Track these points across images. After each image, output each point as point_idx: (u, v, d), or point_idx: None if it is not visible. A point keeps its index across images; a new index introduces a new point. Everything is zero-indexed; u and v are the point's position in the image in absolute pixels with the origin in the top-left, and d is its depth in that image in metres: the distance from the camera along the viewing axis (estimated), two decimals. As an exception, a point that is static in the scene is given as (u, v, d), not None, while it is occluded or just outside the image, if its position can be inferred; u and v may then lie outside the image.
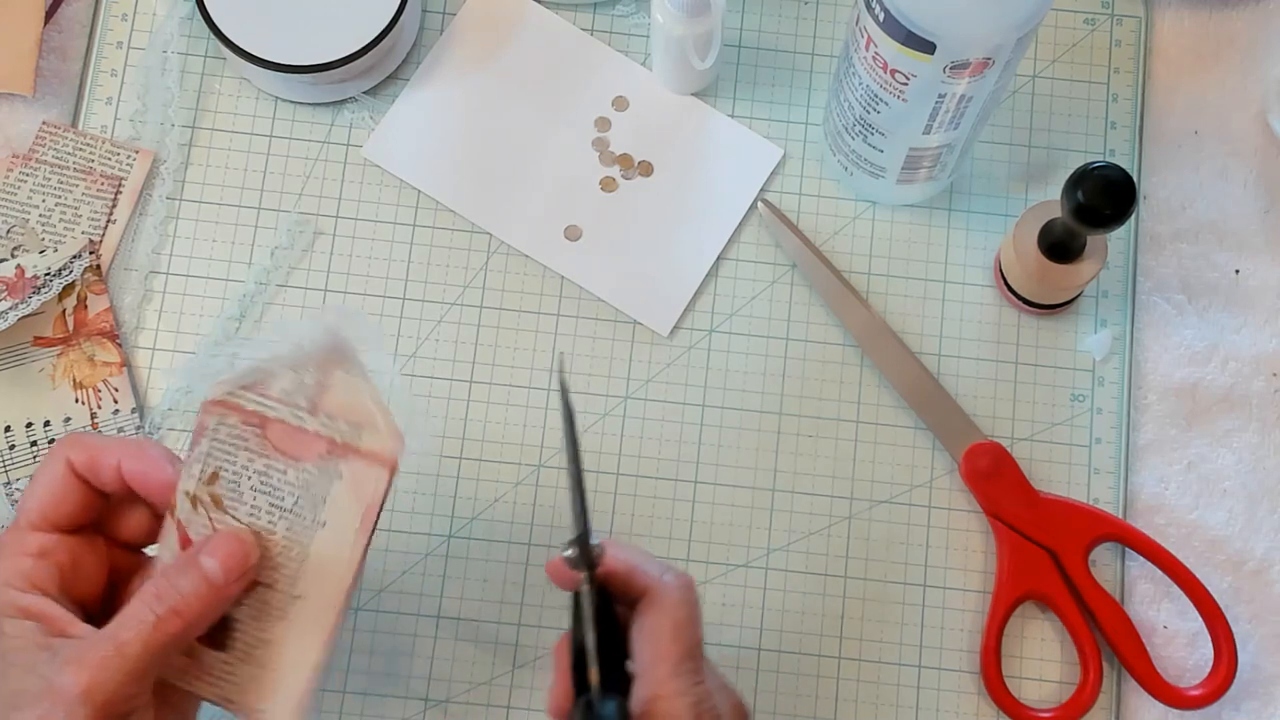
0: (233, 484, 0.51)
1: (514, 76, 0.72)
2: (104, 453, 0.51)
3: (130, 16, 0.72)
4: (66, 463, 0.51)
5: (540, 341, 0.69)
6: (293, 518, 0.50)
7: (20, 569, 0.50)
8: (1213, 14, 0.73)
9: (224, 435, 0.51)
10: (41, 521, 0.51)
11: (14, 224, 0.68)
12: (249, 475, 0.51)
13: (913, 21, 0.56)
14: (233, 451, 0.51)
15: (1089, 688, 0.64)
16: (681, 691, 0.49)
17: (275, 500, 0.51)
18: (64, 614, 0.50)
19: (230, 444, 0.51)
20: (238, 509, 0.51)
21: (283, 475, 0.51)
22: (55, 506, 0.51)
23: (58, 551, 0.51)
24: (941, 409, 0.67)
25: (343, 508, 0.50)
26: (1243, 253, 0.70)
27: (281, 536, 0.51)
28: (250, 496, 0.51)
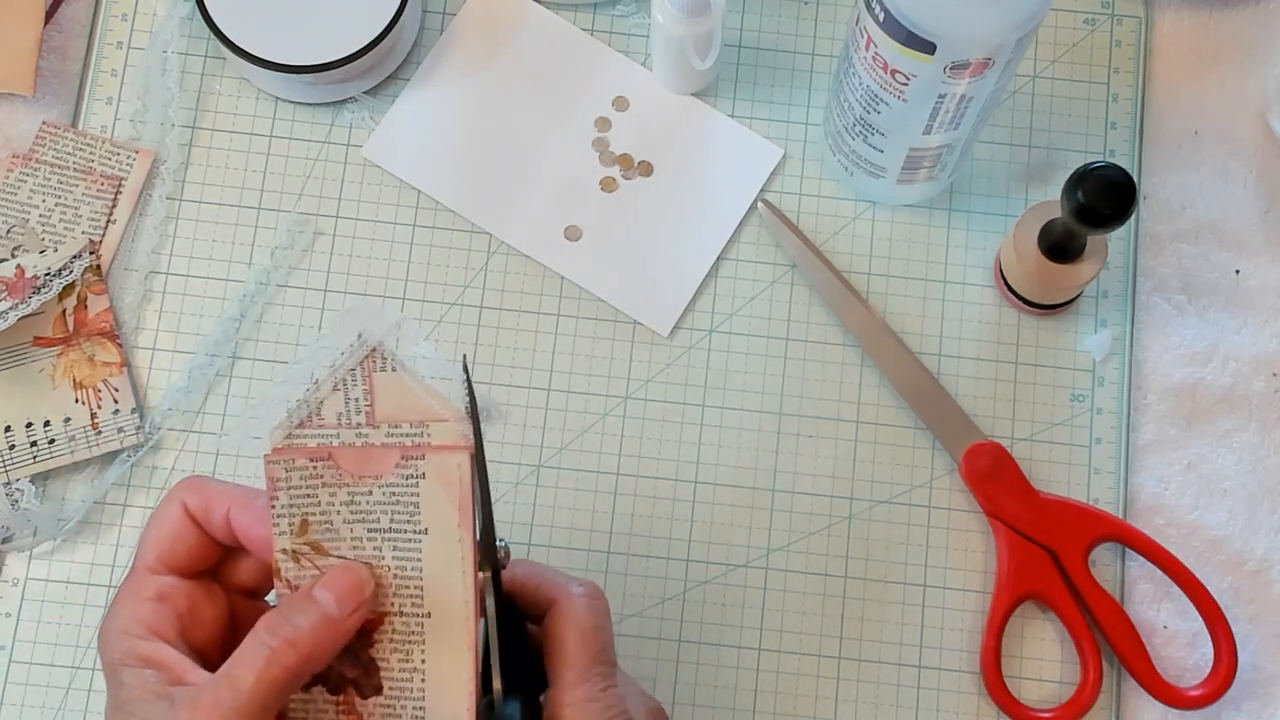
0: (325, 524, 0.49)
1: (514, 76, 0.72)
2: (216, 499, 0.50)
3: (130, 16, 0.72)
4: (181, 505, 0.50)
5: (540, 341, 0.69)
6: (395, 536, 0.49)
7: (139, 615, 0.49)
8: (1213, 14, 0.73)
9: (298, 480, 0.49)
10: (158, 564, 0.50)
11: (14, 224, 0.68)
12: (337, 509, 0.49)
13: (913, 21, 0.56)
14: (312, 493, 0.49)
15: (1089, 688, 0.64)
16: (590, 697, 0.49)
17: (372, 525, 0.49)
18: (183, 661, 0.48)
19: (307, 487, 0.49)
20: (339, 547, 0.49)
21: (369, 498, 0.49)
22: (171, 549, 0.50)
23: (176, 596, 0.50)
24: (941, 409, 0.67)
25: (438, 508, 0.48)
26: (1243, 253, 0.70)
27: (391, 560, 0.49)
28: (347, 530, 0.49)
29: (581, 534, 0.67)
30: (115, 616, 0.49)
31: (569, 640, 0.50)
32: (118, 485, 0.67)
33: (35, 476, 0.66)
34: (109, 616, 0.49)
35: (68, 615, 0.66)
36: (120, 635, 0.48)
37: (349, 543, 0.49)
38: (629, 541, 0.67)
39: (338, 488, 0.49)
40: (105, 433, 0.67)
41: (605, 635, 0.51)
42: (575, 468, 0.67)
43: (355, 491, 0.49)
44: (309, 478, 0.49)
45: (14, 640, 0.65)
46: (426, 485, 0.48)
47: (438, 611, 0.49)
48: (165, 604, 0.49)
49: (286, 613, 0.48)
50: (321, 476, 0.49)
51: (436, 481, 0.48)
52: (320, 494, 0.49)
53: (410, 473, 0.49)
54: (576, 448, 0.68)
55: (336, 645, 0.48)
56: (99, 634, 0.49)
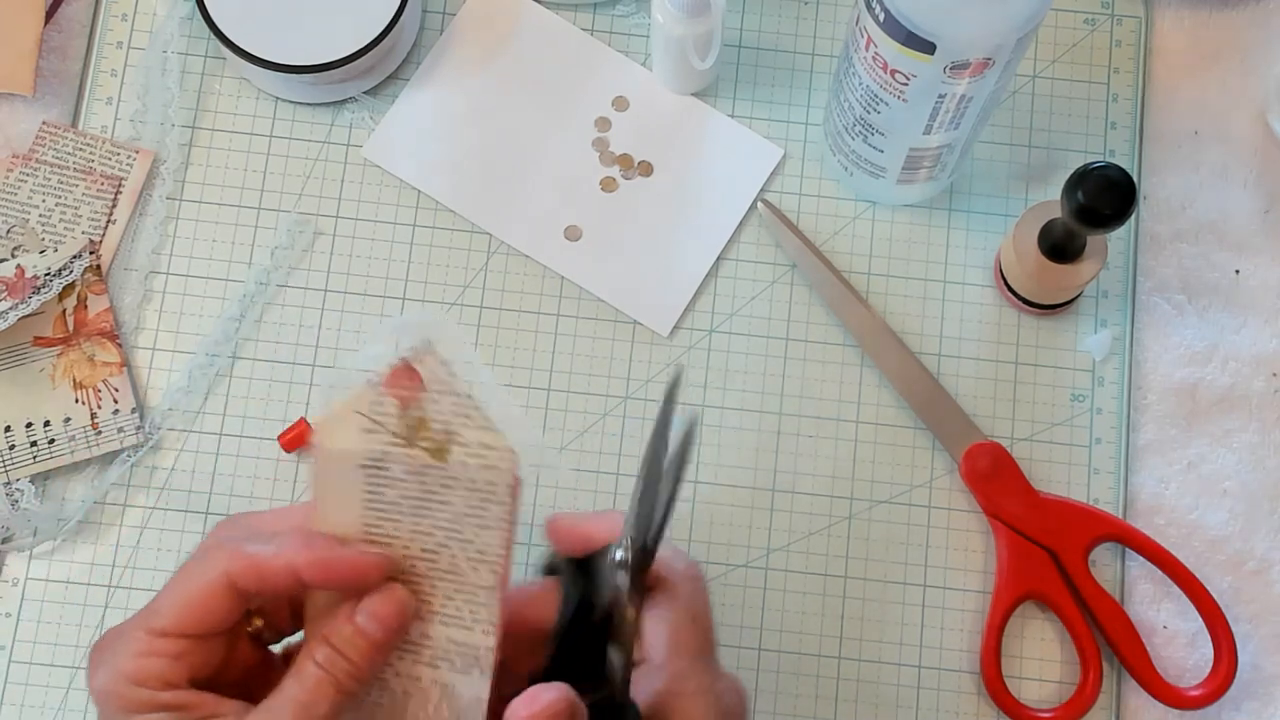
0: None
1: (514, 76, 0.72)
2: (272, 563, 0.47)
3: (130, 16, 0.72)
4: (225, 578, 0.47)
5: (540, 341, 0.69)
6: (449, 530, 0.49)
7: (152, 670, 0.47)
8: (1213, 14, 0.73)
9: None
10: (178, 631, 0.47)
11: (14, 224, 0.68)
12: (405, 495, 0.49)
13: (913, 22, 0.56)
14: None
15: (1089, 688, 0.64)
16: (703, 689, 0.48)
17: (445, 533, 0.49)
18: (206, 698, 0.47)
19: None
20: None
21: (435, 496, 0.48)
22: (200, 622, 0.47)
23: (193, 654, 0.48)
24: (941, 409, 0.67)
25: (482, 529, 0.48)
26: (1243, 253, 0.70)
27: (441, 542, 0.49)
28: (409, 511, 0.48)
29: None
30: (121, 666, 0.47)
31: (682, 627, 0.48)
32: (118, 485, 0.67)
33: (35, 476, 0.66)
34: (109, 661, 0.47)
35: (68, 615, 0.66)
36: (130, 686, 0.47)
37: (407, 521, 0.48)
38: (629, 541, 0.67)
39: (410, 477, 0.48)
40: (105, 433, 0.67)
41: (711, 620, 0.49)
42: (575, 468, 0.67)
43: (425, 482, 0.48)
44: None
45: (14, 640, 0.65)
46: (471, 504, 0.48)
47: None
48: (181, 660, 0.47)
49: (335, 641, 0.47)
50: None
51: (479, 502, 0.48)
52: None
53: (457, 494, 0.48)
54: (576, 448, 0.68)
55: (384, 659, 0.48)
56: (93, 675, 0.47)
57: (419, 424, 0.48)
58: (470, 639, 0.49)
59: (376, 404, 0.48)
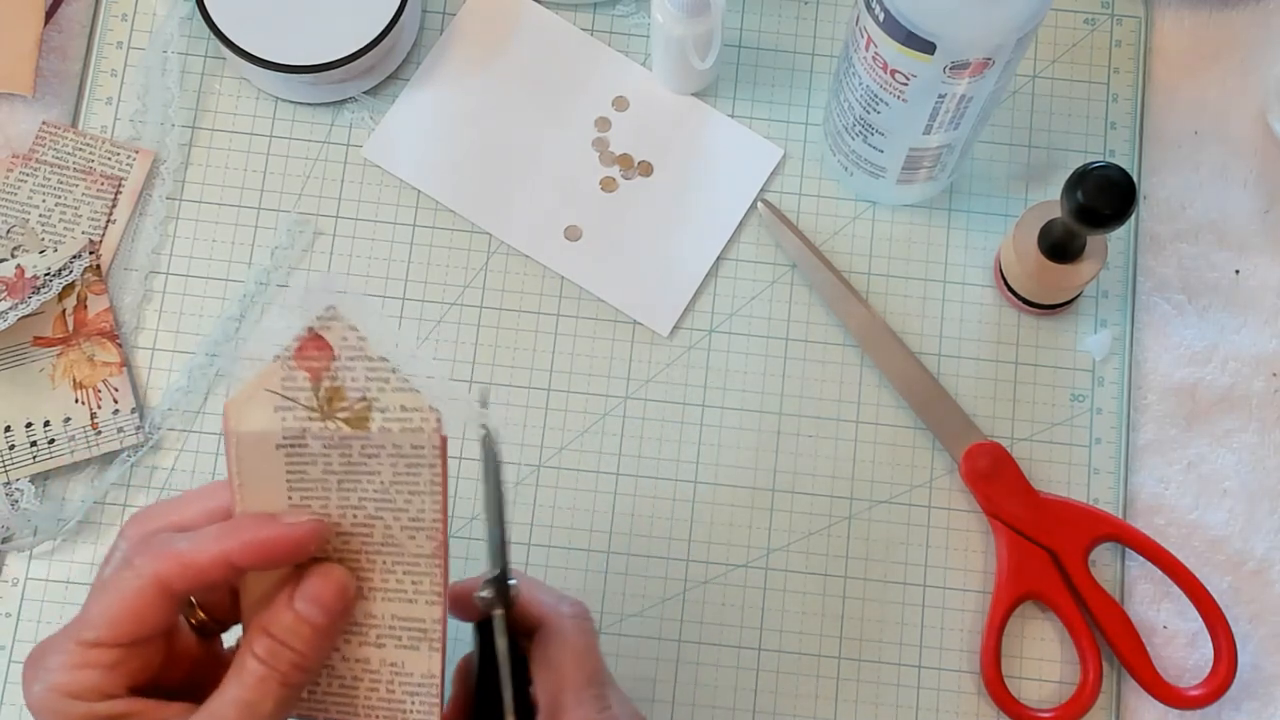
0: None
1: (514, 76, 0.72)
2: (203, 557, 0.46)
3: (130, 16, 0.72)
4: (155, 582, 0.45)
5: (540, 341, 0.69)
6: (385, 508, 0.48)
7: (87, 682, 0.45)
8: (1213, 14, 0.73)
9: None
10: (111, 640, 0.46)
11: (14, 224, 0.68)
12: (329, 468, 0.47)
13: (913, 22, 0.56)
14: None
15: (1089, 688, 0.64)
16: (588, 719, 0.48)
17: (366, 494, 0.47)
18: (147, 705, 0.46)
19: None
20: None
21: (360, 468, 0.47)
22: (132, 629, 0.46)
23: (129, 661, 0.46)
24: (941, 409, 0.67)
25: (409, 483, 0.47)
26: (1243, 253, 0.70)
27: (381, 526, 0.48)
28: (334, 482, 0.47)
29: (581, 534, 0.67)
30: (55, 680, 0.46)
31: (565, 662, 0.49)
32: (118, 485, 0.67)
33: (35, 476, 0.66)
34: (43, 675, 0.46)
35: (68, 615, 0.65)
36: (66, 700, 0.45)
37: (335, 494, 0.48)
38: (629, 541, 0.67)
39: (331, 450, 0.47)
40: (105, 433, 0.67)
41: (597, 655, 0.50)
42: (575, 468, 0.67)
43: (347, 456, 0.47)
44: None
45: (14, 640, 0.65)
46: (397, 465, 0.47)
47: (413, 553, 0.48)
48: (117, 670, 0.46)
49: (276, 631, 0.46)
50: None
51: (404, 463, 0.47)
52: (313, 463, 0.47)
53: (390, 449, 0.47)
54: (576, 448, 0.68)
55: (328, 647, 0.47)
56: (28, 688, 0.46)
57: (334, 394, 0.46)
58: (415, 611, 0.47)
59: (287, 378, 0.46)
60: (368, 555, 0.47)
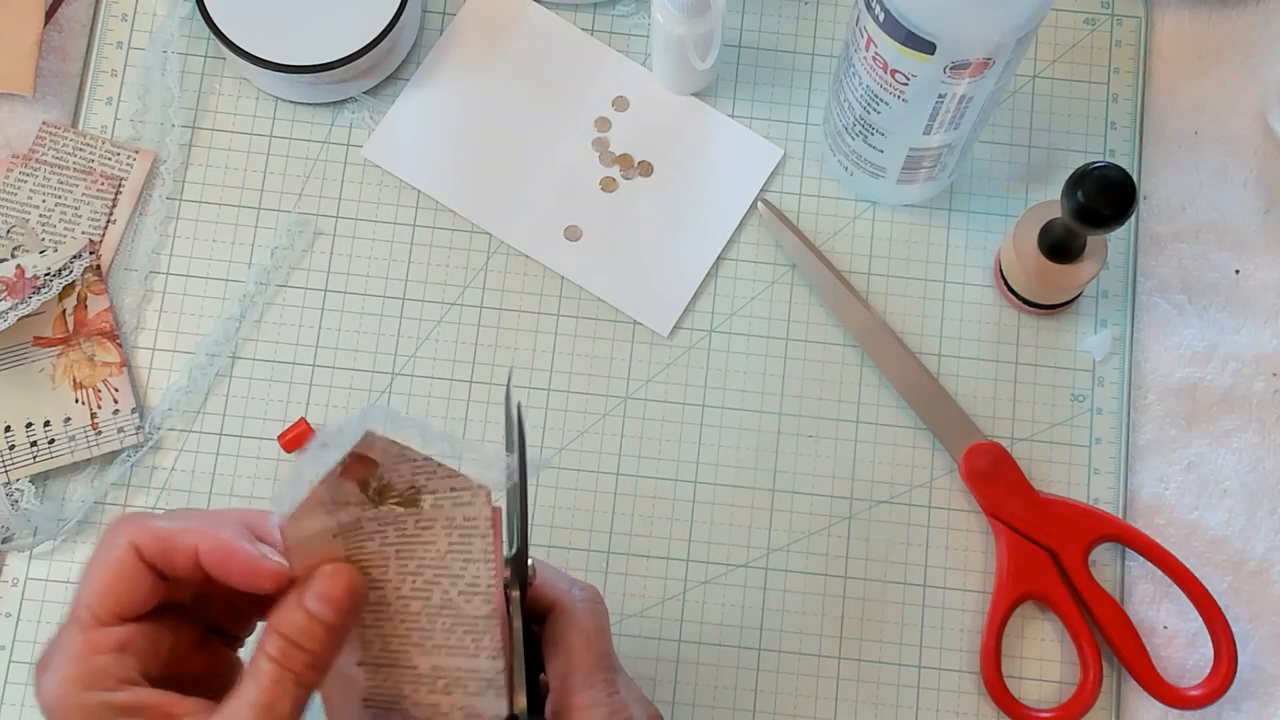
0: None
1: (514, 76, 0.72)
2: (177, 538, 0.46)
3: (130, 16, 0.72)
4: (133, 551, 0.46)
5: (540, 341, 0.69)
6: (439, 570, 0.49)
7: (100, 668, 0.45)
8: (1213, 14, 0.73)
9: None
10: (110, 617, 0.46)
11: (14, 224, 0.68)
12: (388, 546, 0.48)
13: (913, 22, 0.56)
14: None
15: (1089, 688, 0.64)
16: (595, 702, 0.48)
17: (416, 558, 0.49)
18: (163, 696, 0.45)
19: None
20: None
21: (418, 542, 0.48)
22: (123, 599, 0.46)
23: (136, 642, 0.46)
24: (941, 409, 0.67)
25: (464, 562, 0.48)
26: (1243, 253, 0.70)
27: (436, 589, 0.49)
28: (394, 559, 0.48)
29: (581, 534, 0.67)
30: (66, 672, 0.46)
31: (575, 645, 0.50)
32: (118, 485, 0.67)
33: (35, 476, 0.66)
34: (54, 670, 0.46)
35: (68, 615, 0.66)
36: (82, 692, 0.45)
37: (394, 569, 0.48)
38: (629, 541, 0.67)
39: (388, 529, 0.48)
40: (105, 433, 0.67)
41: (607, 639, 0.51)
42: (575, 468, 0.67)
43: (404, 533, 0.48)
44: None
45: (14, 640, 0.65)
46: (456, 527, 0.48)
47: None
48: (126, 652, 0.46)
49: (288, 631, 0.46)
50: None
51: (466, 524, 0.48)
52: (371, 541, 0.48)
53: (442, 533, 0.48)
54: (576, 448, 0.68)
55: (340, 645, 0.47)
56: (41, 689, 0.46)
57: (383, 489, 0.47)
58: (478, 665, 0.49)
59: (336, 491, 0.46)
60: (429, 616, 0.48)
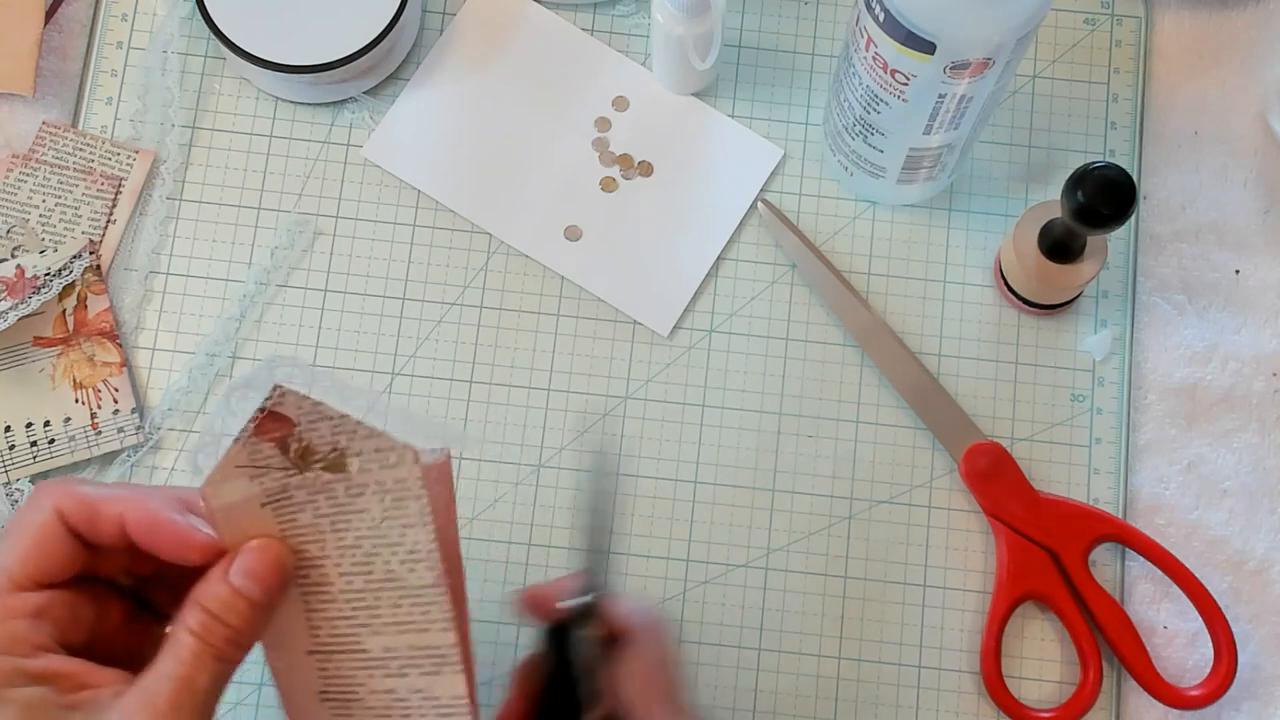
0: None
1: (514, 76, 0.72)
2: (103, 505, 0.46)
3: (130, 16, 0.72)
4: (56, 514, 0.46)
5: (540, 341, 0.69)
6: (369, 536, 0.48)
7: (14, 633, 0.45)
8: (1213, 14, 0.73)
9: None
10: (27, 581, 0.45)
11: (14, 224, 0.68)
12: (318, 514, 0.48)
13: (913, 22, 0.56)
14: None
15: (1089, 688, 0.64)
16: None
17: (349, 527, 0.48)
18: (80, 665, 0.45)
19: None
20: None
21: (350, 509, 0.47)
22: (43, 564, 0.45)
23: (53, 608, 0.46)
24: (941, 409, 0.67)
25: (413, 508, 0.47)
26: (1243, 253, 0.70)
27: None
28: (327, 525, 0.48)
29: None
30: None
31: (647, 673, 0.49)
32: (118, 485, 0.67)
33: (35, 476, 0.66)
34: None
35: (68, 615, 0.66)
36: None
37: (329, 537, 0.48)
38: (629, 541, 0.67)
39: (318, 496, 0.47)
40: (105, 433, 0.67)
41: (678, 668, 0.50)
42: (575, 468, 0.67)
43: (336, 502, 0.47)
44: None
45: (14, 640, 0.65)
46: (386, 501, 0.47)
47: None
48: (43, 618, 0.45)
49: (211, 605, 0.45)
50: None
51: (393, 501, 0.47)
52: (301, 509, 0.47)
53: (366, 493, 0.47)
54: (576, 448, 0.68)
55: (265, 621, 0.46)
56: None
57: (305, 451, 0.46)
58: (430, 640, 0.48)
59: (254, 452, 0.46)
60: (373, 592, 0.48)
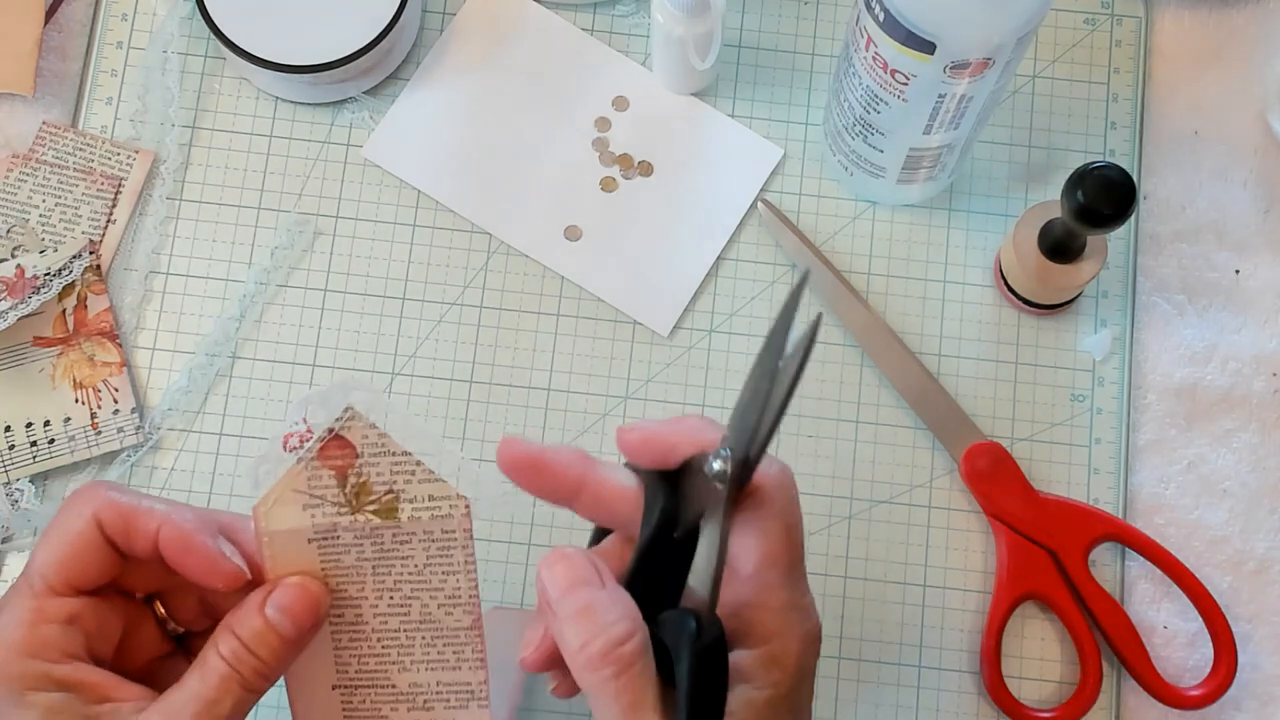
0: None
1: (514, 76, 0.72)
2: (141, 518, 0.46)
3: (130, 16, 0.72)
4: (95, 523, 0.46)
5: (540, 341, 0.69)
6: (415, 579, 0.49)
7: (46, 638, 0.45)
8: (1213, 14, 0.73)
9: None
10: (63, 586, 0.46)
11: (14, 224, 0.68)
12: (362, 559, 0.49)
13: (913, 22, 0.56)
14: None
15: (1089, 688, 0.64)
16: (792, 604, 0.44)
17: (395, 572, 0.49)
18: (106, 678, 0.45)
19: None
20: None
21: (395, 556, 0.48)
22: (80, 571, 0.46)
23: (85, 616, 0.46)
24: (941, 409, 0.67)
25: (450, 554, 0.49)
26: (1243, 253, 0.70)
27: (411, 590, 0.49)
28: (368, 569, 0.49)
29: (582, 534, 0.67)
30: (12, 636, 0.45)
31: (775, 538, 0.45)
32: (118, 485, 0.67)
33: (35, 476, 0.66)
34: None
35: (68, 615, 0.66)
36: (24, 659, 0.45)
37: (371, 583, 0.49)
38: (629, 541, 0.67)
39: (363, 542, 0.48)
40: (105, 433, 0.67)
41: (802, 533, 0.46)
42: (575, 468, 0.67)
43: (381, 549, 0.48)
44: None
45: (14, 640, 0.65)
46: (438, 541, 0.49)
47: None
48: (75, 625, 0.46)
49: (243, 634, 0.46)
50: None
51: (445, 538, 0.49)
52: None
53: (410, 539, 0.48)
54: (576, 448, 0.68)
55: (294, 658, 0.47)
56: None
57: (361, 489, 0.47)
58: (460, 677, 0.49)
59: (313, 478, 0.47)
60: (407, 633, 0.49)
